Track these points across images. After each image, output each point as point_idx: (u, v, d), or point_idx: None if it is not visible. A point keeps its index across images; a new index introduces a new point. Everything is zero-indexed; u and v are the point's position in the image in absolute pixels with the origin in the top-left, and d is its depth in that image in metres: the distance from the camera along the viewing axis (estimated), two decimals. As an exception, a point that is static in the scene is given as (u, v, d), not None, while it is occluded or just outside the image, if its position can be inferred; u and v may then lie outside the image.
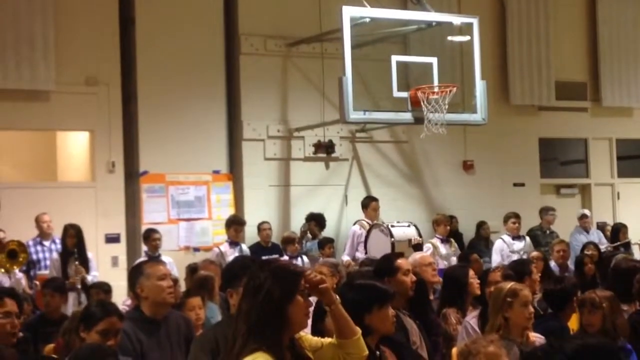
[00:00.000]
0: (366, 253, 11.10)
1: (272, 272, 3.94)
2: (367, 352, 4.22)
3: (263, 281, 3.90)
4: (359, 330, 4.19)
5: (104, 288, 9.43)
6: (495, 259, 12.55)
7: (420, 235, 11.19)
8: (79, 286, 10.45)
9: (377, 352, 4.90)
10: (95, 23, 12.85)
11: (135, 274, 5.71)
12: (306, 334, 4.22)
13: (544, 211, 14.28)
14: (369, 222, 12.39)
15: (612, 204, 16.72)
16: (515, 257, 12.29)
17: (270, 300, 3.84)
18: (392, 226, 11.03)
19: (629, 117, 16.86)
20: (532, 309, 5.87)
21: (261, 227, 12.93)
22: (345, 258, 12.13)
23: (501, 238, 13.08)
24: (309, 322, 5.48)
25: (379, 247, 10.51)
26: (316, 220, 13.31)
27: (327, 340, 4.17)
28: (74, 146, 13.72)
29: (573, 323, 6.96)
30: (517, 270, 8.02)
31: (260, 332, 3.79)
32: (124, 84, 13.03)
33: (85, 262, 10.88)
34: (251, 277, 3.98)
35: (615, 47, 16.55)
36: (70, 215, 11.72)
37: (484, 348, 4.41)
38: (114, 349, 4.90)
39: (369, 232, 11.48)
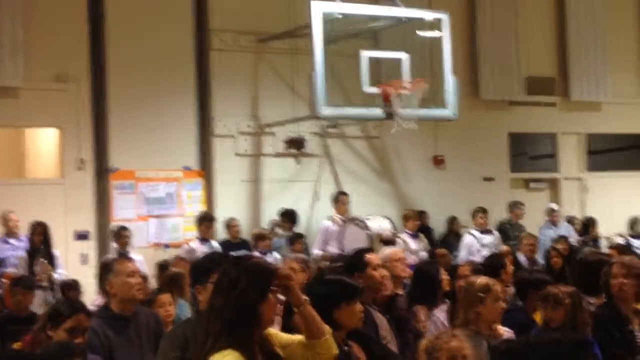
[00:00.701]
0: (342, 248, 11.11)
1: (247, 270, 3.93)
2: (336, 351, 4.21)
3: (237, 279, 3.89)
4: (328, 329, 4.18)
5: (77, 287, 9.48)
6: (463, 255, 12.62)
7: (395, 229, 11.23)
8: (46, 284, 10.39)
9: (345, 347, 4.91)
10: (65, 19, 12.77)
11: (104, 271, 5.71)
12: (277, 331, 4.22)
13: (513, 205, 14.37)
14: (341, 217, 12.42)
15: (581, 198, 16.84)
16: (485, 250, 12.37)
17: (244, 299, 3.83)
18: (367, 219, 11.06)
19: (598, 112, 16.98)
20: (503, 304, 5.89)
21: (231, 224, 12.92)
22: (318, 252, 12.15)
23: (470, 233, 13.15)
24: (280, 318, 5.51)
25: (356, 241, 10.53)
26: (288, 216, 13.30)
27: (297, 337, 4.16)
28: (43, 143, 13.65)
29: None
30: (493, 264, 8.07)
31: (232, 329, 3.79)
32: (94, 80, 12.96)
33: (51, 260, 10.81)
34: (224, 274, 3.97)
35: (584, 43, 16.66)
36: (39, 212, 11.66)
37: (446, 344, 4.41)
38: (82, 346, 4.87)
39: (344, 226, 11.49)
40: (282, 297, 4.18)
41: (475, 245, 12.87)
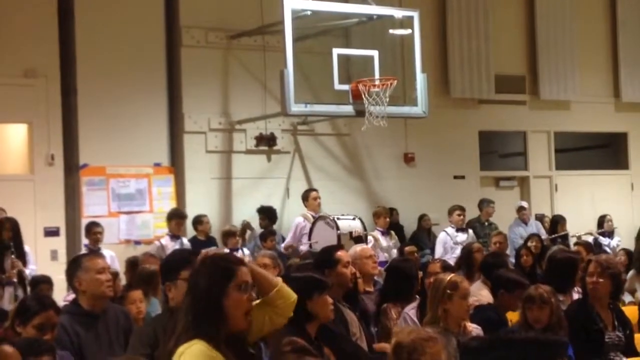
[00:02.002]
0: (310, 245, 11.11)
1: (208, 265, 3.93)
2: (295, 296, 4.23)
3: (199, 275, 3.90)
4: (278, 279, 4.23)
5: (49, 282, 9.46)
6: (438, 251, 12.69)
7: (365, 229, 11.24)
8: (16, 280, 10.31)
9: (316, 342, 4.96)
10: (34, 14, 12.68)
11: (73, 267, 5.68)
12: None
13: (483, 203, 14.44)
14: (313, 214, 12.41)
15: (550, 196, 16.95)
16: (458, 249, 12.40)
17: (205, 294, 3.82)
18: (338, 219, 11.06)
19: (567, 110, 17.10)
20: (470, 302, 5.93)
21: (203, 220, 12.89)
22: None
23: (445, 231, 13.21)
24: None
25: (325, 239, 10.50)
26: (265, 214, 13.27)
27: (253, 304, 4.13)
28: (12, 139, 13.52)
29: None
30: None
31: (198, 324, 3.79)
32: (64, 75, 12.86)
33: (22, 256, 10.71)
34: (195, 269, 3.98)
35: (553, 42, 16.77)
36: (9, 208, 11.52)
37: (430, 348, 4.39)
38: (51, 343, 4.85)
39: (314, 224, 11.49)
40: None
41: (449, 242, 12.94)
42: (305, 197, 12.89)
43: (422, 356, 4.35)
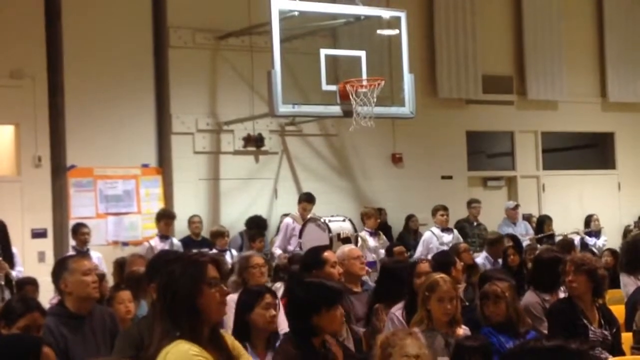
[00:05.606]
0: (301, 247, 11.09)
1: (178, 268, 3.92)
2: None
3: (171, 277, 3.89)
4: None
5: (35, 283, 9.44)
6: (420, 250, 12.66)
7: (355, 230, 11.24)
8: (3, 282, 10.27)
9: (322, 350, 4.91)
10: (21, 15, 12.65)
11: (59, 269, 5.66)
12: (233, 340, 4.19)
13: (470, 203, 14.46)
14: (302, 215, 12.38)
15: (538, 196, 17.00)
16: (444, 249, 12.38)
17: (179, 297, 3.83)
18: (329, 221, 11.05)
19: (554, 111, 17.15)
20: (449, 305, 5.90)
21: (191, 220, 12.90)
22: (278, 252, 12.04)
23: (430, 230, 13.18)
24: (232, 313, 5.50)
25: (316, 241, 10.45)
26: (252, 228, 13.18)
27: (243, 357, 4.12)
28: (-1, 140, 13.51)
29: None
30: (442, 261, 8.12)
31: (178, 326, 3.81)
32: (51, 76, 12.84)
33: (9, 258, 10.67)
34: (163, 274, 3.99)
35: (540, 42, 16.82)
36: (-4, 210, 11.55)
37: (400, 340, 4.40)
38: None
39: (304, 225, 11.46)
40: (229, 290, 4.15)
41: (435, 242, 12.88)
42: (299, 201, 12.70)
43: (392, 348, 4.39)
